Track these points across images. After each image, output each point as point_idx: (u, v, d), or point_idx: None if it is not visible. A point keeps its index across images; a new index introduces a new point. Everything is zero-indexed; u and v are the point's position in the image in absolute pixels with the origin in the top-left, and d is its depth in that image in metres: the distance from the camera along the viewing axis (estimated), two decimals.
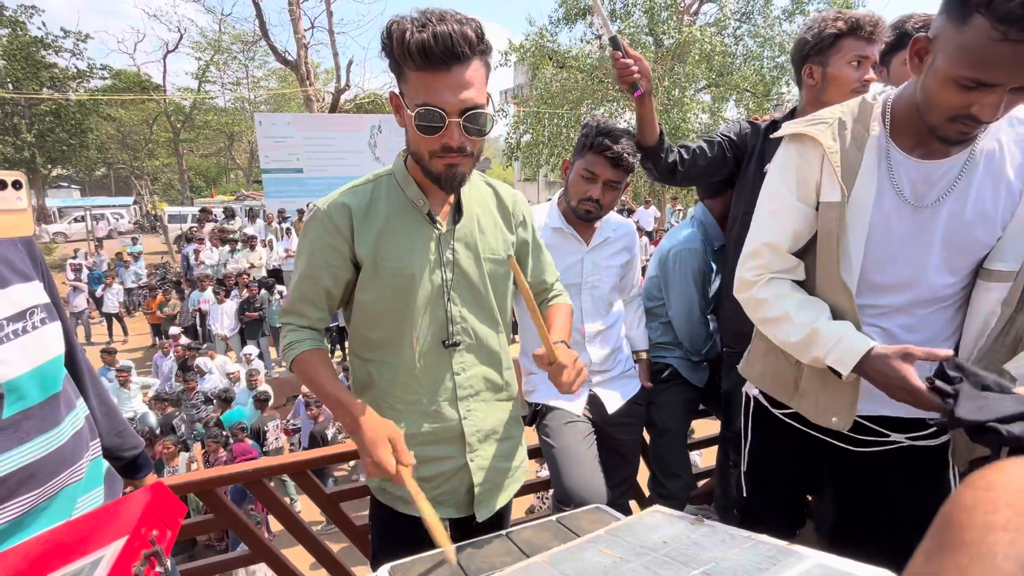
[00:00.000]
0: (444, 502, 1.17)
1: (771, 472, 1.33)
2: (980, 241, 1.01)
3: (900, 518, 1.15)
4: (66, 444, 0.91)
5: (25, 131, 20.66)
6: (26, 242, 0.93)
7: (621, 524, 0.98)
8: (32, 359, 0.85)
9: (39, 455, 0.86)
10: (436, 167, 1.02)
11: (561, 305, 1.31)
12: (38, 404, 0.86)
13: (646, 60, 1.56)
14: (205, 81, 26.45)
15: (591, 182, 1.59)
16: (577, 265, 1.70)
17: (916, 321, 1.07)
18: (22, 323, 0.85)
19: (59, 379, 0.92)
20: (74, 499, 0.93)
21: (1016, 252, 0.99)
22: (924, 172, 1.00)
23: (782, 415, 1.22)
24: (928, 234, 1.02)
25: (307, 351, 1.08)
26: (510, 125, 17.27)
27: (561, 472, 1.52)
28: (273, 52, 16.62)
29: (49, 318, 0.91)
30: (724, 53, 14.65)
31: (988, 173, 0.99)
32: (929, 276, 1.04)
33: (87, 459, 0.96)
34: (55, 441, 0.89)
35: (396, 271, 1.08)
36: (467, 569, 0.95)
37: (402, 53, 0.93)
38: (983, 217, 0.99)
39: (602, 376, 1.75)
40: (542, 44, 15.38)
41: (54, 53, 21.26)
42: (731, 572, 0.73)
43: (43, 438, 0.87)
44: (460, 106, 0.95)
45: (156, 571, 0.72)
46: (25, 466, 0.84)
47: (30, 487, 0.85)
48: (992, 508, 0.27)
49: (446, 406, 1.14)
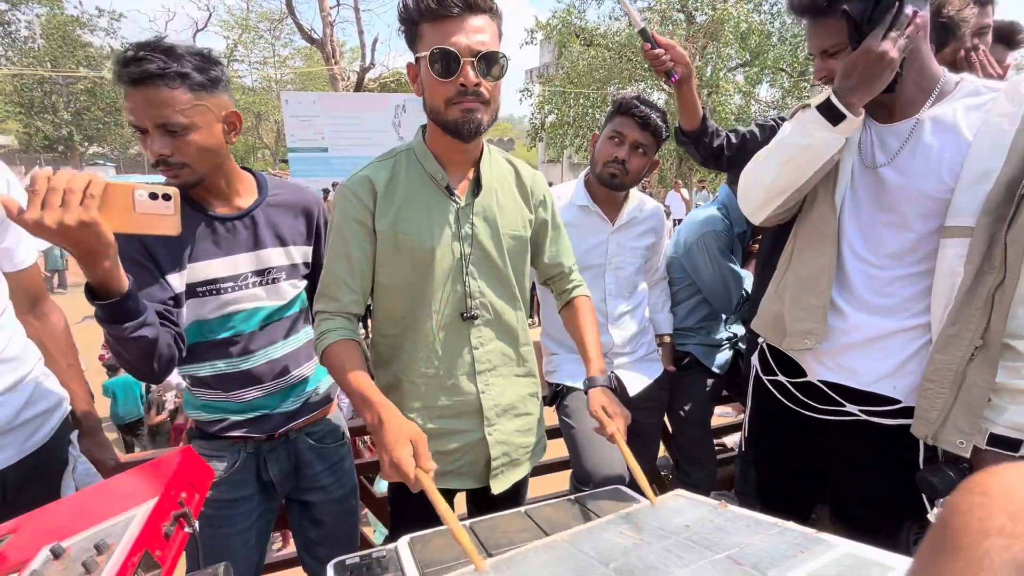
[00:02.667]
0: (462, 474, 1.19)
1: (772, 449, 1.36)
2: (927, 194, 1.03)
3: (864, 495, 1.19)
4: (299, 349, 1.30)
5: (63, 109, 21.25)
6: (307, 215, 1.28)
7: (642, 506, 0.97)
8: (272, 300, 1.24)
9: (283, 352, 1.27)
10: (453, 114, 1.01)
11: (584, 303, 1.29)
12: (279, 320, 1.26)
13: (677, 38, 1.51)
14: (233, 60, 26.71)
15: (618, 144, 1.58)
16: (602, 246, 1.67)
17: (883, 286, 1.10)
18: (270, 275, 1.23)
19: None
20: (314, 382, 1.33)
21: (969, 206, 0.97)
22: (880, 134, 1.10)
23: (768, 381, 1.30)
24: (881, 194, 1.08)
25: (337, 342, 1.05)
26: (535, 105, 17.02)
27: (581, 453, 1.52)
28: (299, 30, 16.62)
29: (287, 276, 1.26)
30: (760, 32, 14.08)
31: (937, 131, 1.03)
32: (882, 234, 1.09)
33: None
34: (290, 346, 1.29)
35: (415, 244, 1.08)
36: (486, 544, 0.95)
37: (416, 8, 0.98)
38: (928, 171, 1.03)
39: (625, 358, 1.73)
40: (569, 21, 15.02)
41: (89, 32, 21.71)
42: (756, 558, 0.71)
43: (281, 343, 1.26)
44: (474, 48, 0.98)
45: (185, 531, 0.74)
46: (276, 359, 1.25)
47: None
48: (987, 513, 0.27)
49: (464, 380, 1.15)
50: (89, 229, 0.81)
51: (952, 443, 1.02)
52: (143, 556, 0.66)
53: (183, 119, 1.03)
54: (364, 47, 17.30)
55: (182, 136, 1.05)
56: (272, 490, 1.30)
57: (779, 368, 1.28)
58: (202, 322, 1.17)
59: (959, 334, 0.99)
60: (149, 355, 1.00)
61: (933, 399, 1.03)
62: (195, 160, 1.08)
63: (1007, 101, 0.97)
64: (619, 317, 1.70)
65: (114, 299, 0.91)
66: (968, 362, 0.99)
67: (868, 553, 0.69)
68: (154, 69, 1.00)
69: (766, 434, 1.37)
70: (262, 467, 1.27)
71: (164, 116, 1.02)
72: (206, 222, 1.14)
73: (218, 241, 1.15)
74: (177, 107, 1.03)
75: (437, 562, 0.89)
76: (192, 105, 1.04)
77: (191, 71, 1.04)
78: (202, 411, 1.23)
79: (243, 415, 1.22)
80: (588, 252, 1.64)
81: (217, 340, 1.19)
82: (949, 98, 1.04)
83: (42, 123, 21.08)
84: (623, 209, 1.69)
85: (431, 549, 0.93)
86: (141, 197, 0.86)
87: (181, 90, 1.03)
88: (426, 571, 0.86)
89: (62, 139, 21.63)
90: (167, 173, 1.09)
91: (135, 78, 1.00)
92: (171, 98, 1.02)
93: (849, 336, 1.13)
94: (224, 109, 1.11)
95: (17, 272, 1.12)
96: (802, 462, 1.28)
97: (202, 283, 1.14)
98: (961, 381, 1.00)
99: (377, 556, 0.92)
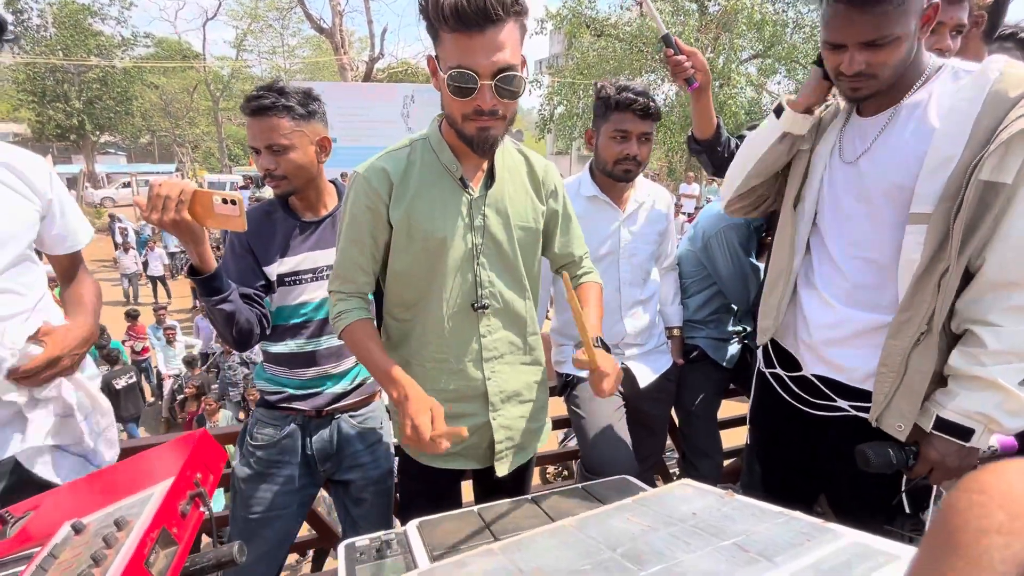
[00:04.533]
0: (466, 455, 1.22)
1: (773, 444, 1.37)
2: (896, 184, 1.02)
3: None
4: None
5: (74, 98, 21.38)
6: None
7: (649, 494, 0.97)
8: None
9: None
10: (469, 130, 1.03)
11: (592, 287, 1.30)
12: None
13: (688, 29, 1.51)
14: (243, 50, 26.74)
15: (625, 140, 1.57)
16: (614, 235, 1.67)
17: (865, 279, 1.10)
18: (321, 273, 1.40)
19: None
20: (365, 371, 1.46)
21: (929, 193, 0.96)
22: (859, 127, 1.10)
23: (769, 374, 1.31)
24: (856, 187, 1.09)
25: (356, 321, 1.11)
26: (544, 96, 16.89)
27: (590, 443, 1.53)
28: (308, 19, 16.60)
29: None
30: (775, 22, 13.84)
31: (910, 120, 1.02)
32: (860, 227, 1.09)
33: None
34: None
35: (428, 234, 1.09)
36: (493, 529, 0.97)
37: (436, 15, 0.93)
38: (896, 161, 1.02)
39: (636, 349, 1.73)
40: (579, 11, 14.85)
41: (100, 21, 21.79)
42: (762, 545, 0.71)
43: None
44: (492, 68, 0.95)
45: (200, 511, 0.76)
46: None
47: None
48: (986, 512, 0.27)
49: (471, 367, 1.16)
50: (180, 224, 1.08)
51: (892, 426, 1.02)
52: (160, 533, 0.67)
53: (285, 141, 1.29)
54: (373, 37, 17.25)
55: (283, 154, 1.30)
56: (314, 466, 1.45)
57: (779, 363, 1.28)
58: (284, 307, 1.39)
59: (910, 320, 0.99)
60: (229, 324, 1.25)
61: (882, 384, 1.03)
62: (292, 174, 1.32)
63: (973, 84, 0.95)
64: (633, 307, 1.70)
65: (204, 275, 1.17)
66: (913, 347, 0.99)
67: (874, 542, 0.70)
68: (268, 103, 1.27)
69: (768, 429, 1.37)
70: (307, 441, 1.43)
71: (271, 139, 1.29)
72: (298, 226, 1.39)
73: (304, 241, 1.39)
74: (281, 132, 1.28)
75: (446, 545, 0.91)
76: (292, 131, 1.29)
77: (294, 105, 1.29)
78: (267, 383, 1.44)
79: (300, 390, 1.41)
80: (601, 243, 1.64)
81: (292, 324, 1.40)
82: (927, 85, 1.02)
83: (54, 112, 21.24)
84: (630, 196, 1.69)
85: (440, 533, 0.95)
86: (218, 202, 1.11)
87: (285, 119, 1.29)
88: (435, 554, 0.88)
89: (74, 128, 21.79)
90: (271, 183, 1.34)
91: (255, 110, 1.28)
92: (278, 125, 1.28)
93: (833, 331, 1.13)
94: (318, 135, 1.35)
95: (70, 254, 1.32)
96: (802, 458, 1.28)
97: (289, 274, 1.37)
98: (906, 366, 1.00)
99: (387, 539, 0.94)
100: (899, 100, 1.04)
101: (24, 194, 1.15)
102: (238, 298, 1.26)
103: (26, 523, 0.80)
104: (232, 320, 1.25)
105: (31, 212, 1.17)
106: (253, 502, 1.39)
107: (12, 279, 1.13)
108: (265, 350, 1.45)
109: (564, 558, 0.74)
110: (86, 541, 0.68)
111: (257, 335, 1.34)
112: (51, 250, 1.28)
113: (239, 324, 1.27)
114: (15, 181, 1.14)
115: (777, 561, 0.67)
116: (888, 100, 1.06)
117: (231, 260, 1.35)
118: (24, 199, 1.15)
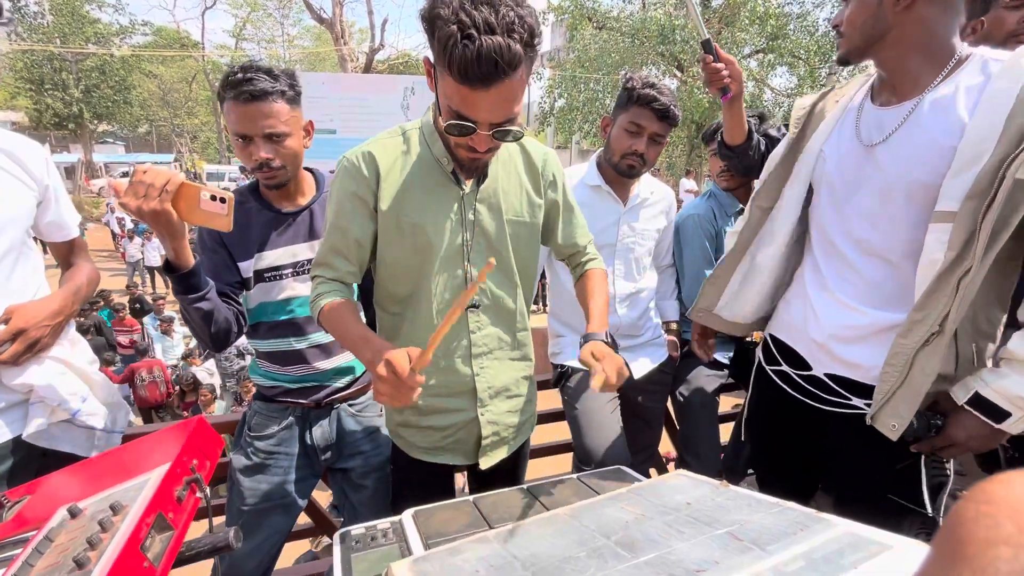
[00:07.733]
0: (453, 450, 1.21)
1: (769, 438, 1.36)
2: (921, 183, 0.98)
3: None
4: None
5: (72, 86, 21.23)
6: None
7: (644, 484, 0.98)
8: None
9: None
10: (460, 155, 1.03)
11: (596, 273, 1.27)
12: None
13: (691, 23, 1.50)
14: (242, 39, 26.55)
15: (636, 136, 1.55)
16: (613, 227, 1.66)
17: (880, 277, 1.07)
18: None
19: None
20: (360, 369, 1.46)
21: (956, 191, 0.92)
22: (878, 116, 1.06)
23: (772, 371, 1.29)
24: (874, 181, 1.05)
25: (332, 301, 1.06)
26: (544, 89, 16.79)
27: (583, 433, 1.53)
28: (308, 9, 16.45)
29: None
30: (779, 16, 13.74)
31: (935, 113, 0.97)
32: (874, 223, 1.06)
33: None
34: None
35: (416, 228, 1.07)
36: (488, 518, 0.97)
37: (442, 60, 0.86)
38: (924, 160, 0.97)
39: (630, 341, 1.73)
40: (581, 3, 14.73)
41: (98, 8, 21.60)
42: (756, 534, 0.72)
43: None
44: (493, 120, 0.93)
45: (196, 497, 0.76)
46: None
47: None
48: (994, 523, 0.27)
49: (460, 362, 1.15)
50: (160, 215, 1.01)
51: (886, 425, 1.00)
52: (156, 518, 0.68)
53: (285, 128, 1.22)
54: (373, 28, 17.13)
55: (281, 142, 1.23)
56: (314, 456, 1.44)
57: (784, 359, 1.27)
58: (267, 304, 1.34)
59: (923, 320, 0.96)
60: (206, 323, 1.19)
61: (885, 381, 1.01)
62: (290, 162, 1.26)
63: (1005, 77, 0.90)
64: (625, 299, 1.70)
65: (181, 272, 1.11)
66: (921, 347, 0.97)
67: (867, 532, 0.70)
68: (266, 88, 1.18)
69: (767, 424, 1.36)
70: (307, 431, 1.42)
71: (271, 126, 1.21)
72: (274, 218, 1.32)
73: (282, 233, 1.33)
74: (281, 118, 1.21)
75: (441, 533, 0.91)
76: (289, 116, 1.23)
77: (287, 88, 1.23)
78: (262, 378, 1.42)
79: (295, 384, 1.40)
80: (599, 233, 1.63)
81: (277, 322, 1.35)
82: (953, 76, 0.97)
83: (52, 100, 21.09)
84: (633, 190, 1.68)
85: (435, 522, 0.95)
86: (205, 197, 1.05)
87: (282, 103, 1.21)
88: (429, 542, 0.88)
89: (72, 116, 21.64)
90: (266, 175, 1.26)
91: (253, 95, 1.18)
92: (278, 111, 1.21)
93: (850, 330, 1.10)
94: (303, 119, 1.30)
95: (68, 241, 1.31)
96: (801, 453, 1.28)
97: (267, 269, 1.32)
98: (910, 365, 0.98)
99: (382, 528, 0.94)
100: (923, 89, 0.99)
101: (22, 179, 1.15)
102: (216, 296, 1.20)
103: (22, 507, 0.80)
104: (210, 319, 1.19)
105: (29, 197, 1.16)
106: (251, 493, 1.38)
107: (10, 265, 1.13)
108: (255, 347, 1.42)
109: (558, 545, 0.75)
110: (82, 525, 0.68)
111: (235, 333, 1.29)
112: (48, 237, 1.27)
113: (217, 323, 1.21)
114: (13, 167, 1.14)
115: (770, 550, 0.68)
116: (916, 87, 1.00)
117: (202, 255, 1.27)
118: (23, 184, 1.15)
